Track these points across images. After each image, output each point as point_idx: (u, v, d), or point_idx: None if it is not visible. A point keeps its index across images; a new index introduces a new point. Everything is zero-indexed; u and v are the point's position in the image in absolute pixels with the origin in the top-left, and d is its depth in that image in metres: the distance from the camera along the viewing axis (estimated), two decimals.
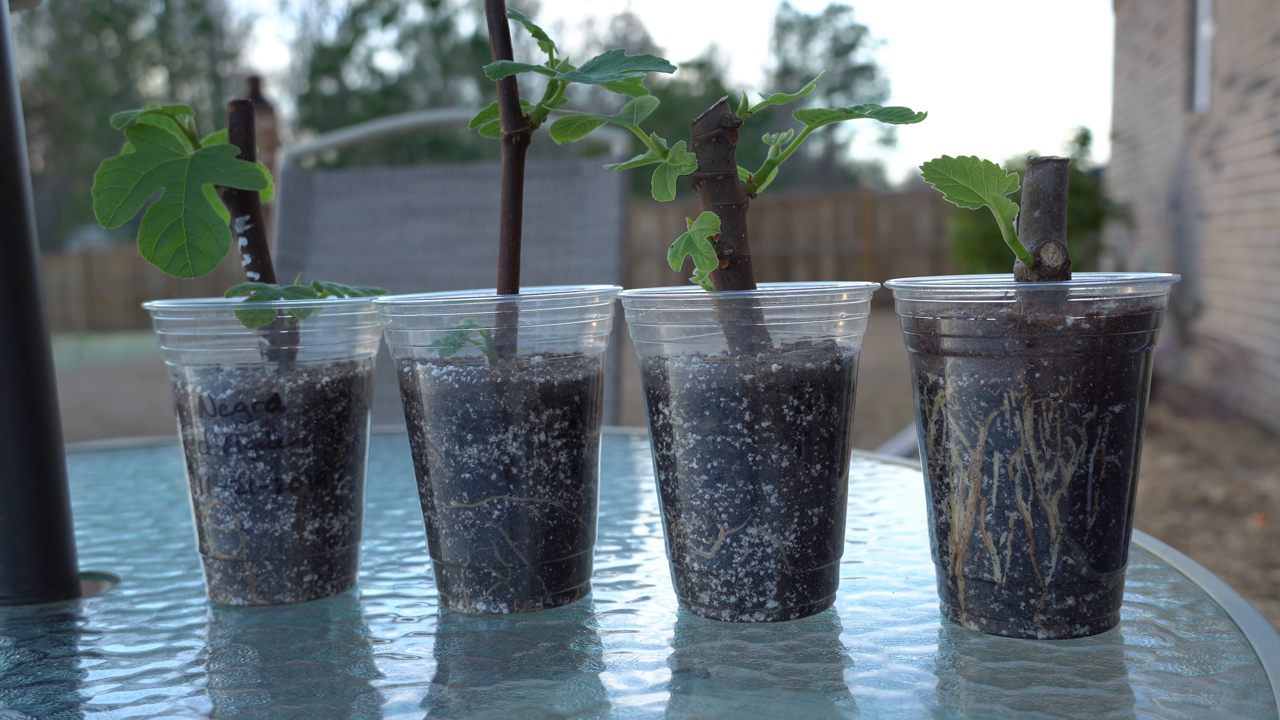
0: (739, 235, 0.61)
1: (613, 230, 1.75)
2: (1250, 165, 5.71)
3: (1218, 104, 6.40)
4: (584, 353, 0.65)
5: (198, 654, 0.60)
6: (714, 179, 0.60)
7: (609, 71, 0.61)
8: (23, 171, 0.71)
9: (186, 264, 0.65)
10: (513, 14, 0.63)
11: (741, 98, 0.61)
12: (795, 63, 29.82)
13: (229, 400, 0.66)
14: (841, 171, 30.94)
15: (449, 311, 0.62)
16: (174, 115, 0.68)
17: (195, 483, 0.68)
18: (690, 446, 0.60)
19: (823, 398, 0.60)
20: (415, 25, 24.44)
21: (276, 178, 1.93)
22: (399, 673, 0.56)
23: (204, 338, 0.68)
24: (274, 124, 5.23)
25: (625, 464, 1.08)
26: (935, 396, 0.59)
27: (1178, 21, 7.43)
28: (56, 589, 0.71)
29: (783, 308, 0.61)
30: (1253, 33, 5.72)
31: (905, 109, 0.61)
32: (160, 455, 1.22)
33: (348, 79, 24.08)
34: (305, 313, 0.68)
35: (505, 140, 0.63)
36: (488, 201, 1.87)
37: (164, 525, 0.89)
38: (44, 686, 0.55)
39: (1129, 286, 0.56)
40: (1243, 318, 5.88)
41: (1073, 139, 8.45)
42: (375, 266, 1.87)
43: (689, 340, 0.61)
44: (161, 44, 24.64)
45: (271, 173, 1.82)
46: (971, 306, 0.57)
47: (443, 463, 0.63)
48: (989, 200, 0.58)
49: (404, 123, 2.08)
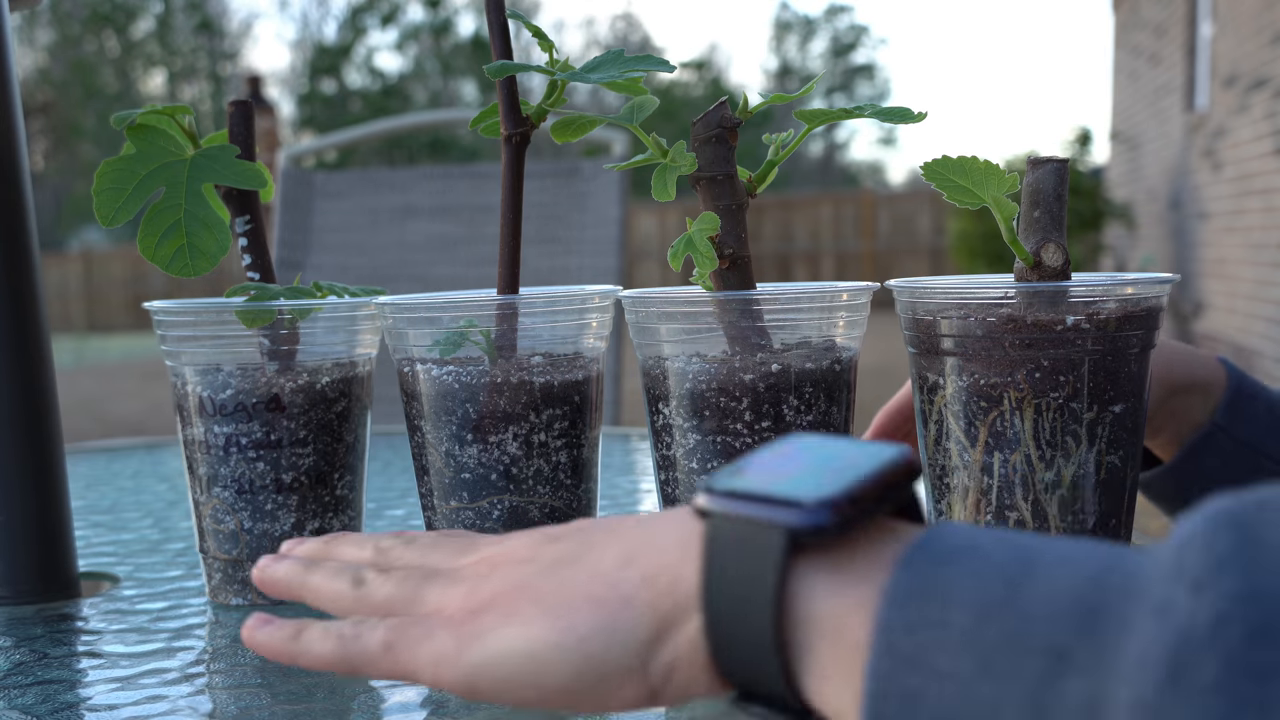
0: (739, 235, 0.61)
1: (613, 230, 1.75)
2: (1250, 165, 5.71)
3: (1218, 104, 6.40)
4: (584, 353, 0.65)
5: (198, 654, 0.60)
6: (714, 179, 0.60)
7: (609, 71, 0.61)
8: (23, 171, 0.71)
9: (186, 264, 0.65)
10: (513, 14, 0.63)
11: (741, 98, 0.61)
12: (795, 63, 29.84)
13: (229, 400, 0.66)
14: (841, 171, 30.95)
15: (449, 311, 0.62)
16: (174, 115, 0.68)
17: (195, 483, 0.68)
18: (690, 446, 0.60)
19: (823, 398, 0.60)
20: (415, 25, 24.44)
21: (276, 178, 1.93)
22: None
23: (204, 338, 0.68)
24: (274, 124, 5.23)
25: (625, 464, 1.08)
26: (935, 396, 0.59)
27: (1178, 21, 7.43)
28: (56, 589, 0.71)
29: (783, 308, 0.61)
30: (1253, 33, 5.72)
31: (905, 109, 0.61)
32: (160, 455, 1.22)
33: (348, 79, 24.09)
34: (305, 313, 0.68)
35: (505, 140, 0.63)
36: (488, 201, 1.87)
37: (164, 525, 0.89)
38: (44, 686, 0.55)
39: (1129, 286, 0.56)
40: (1243, 318, 5.88)
41: (1073, 139, 8.45)
42: (375, 266, 1.87)
43: (689, 340, 0.61)
44: (161, 44, 24.64)
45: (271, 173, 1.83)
46: (971, 306, 0.57)
47: (442, 463, 0.63)
48: (989, 200, 0.58)
49: (404, 123, 2.08)
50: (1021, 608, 0.30)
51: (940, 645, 0.30)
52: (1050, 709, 0.29)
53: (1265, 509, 0.30)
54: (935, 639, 0.31)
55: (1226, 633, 0.27)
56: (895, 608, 0.31)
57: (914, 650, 0.31)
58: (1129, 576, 0.30)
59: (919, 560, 0.32)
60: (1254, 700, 0.26)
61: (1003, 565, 0.32)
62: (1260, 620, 0.27)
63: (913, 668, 0.31)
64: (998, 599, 0.31)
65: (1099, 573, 0.31)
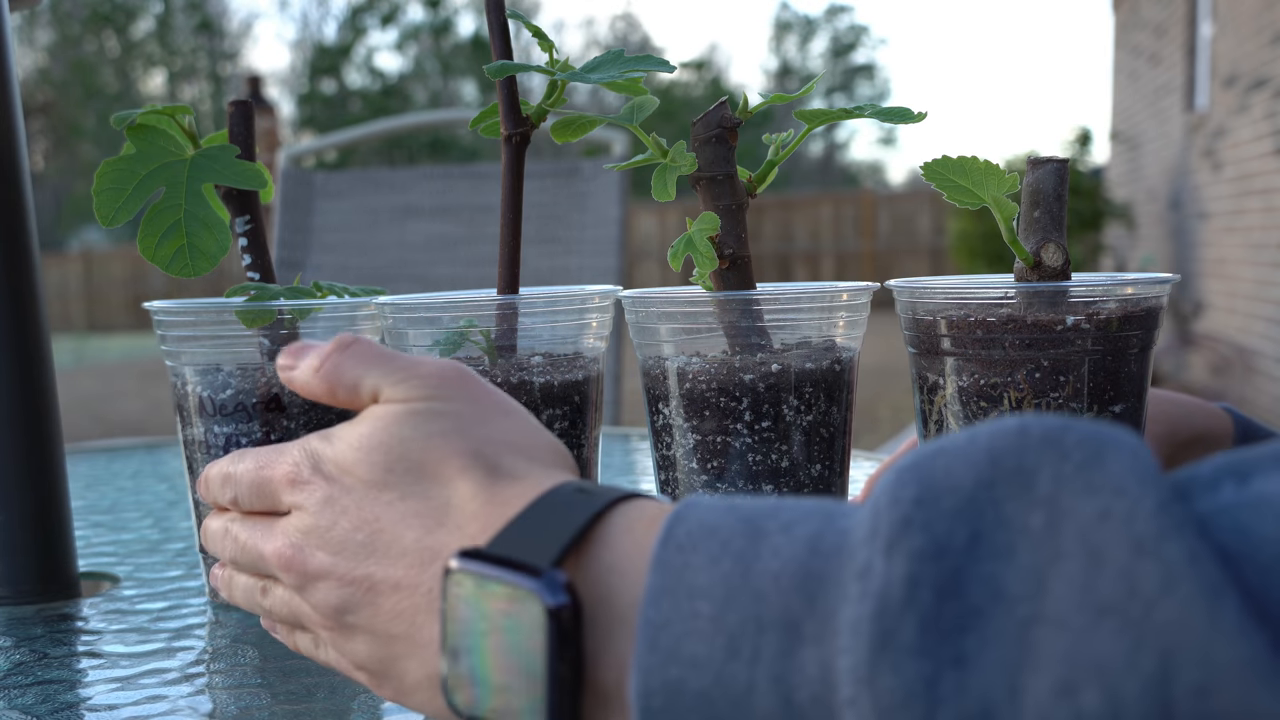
0: (739, 235, 0.61)
1: (613, 230, 1.75)
2: (1250, 165, 5.71)
3: (1218, 104, 6.40)
4: (584, 353, 0.65)
5: (198, 654, 0.60)
6: (714, 179, 0.60)
7: (609, 71, 0.61)
8: (23, 171, 0.71)
9: (186, 264, 0.65)
10: (513, 14, 0.63)
11: (741, 98, 0.61)
12: (795, 63, 29.84)
13: (229, 400, 0.66)
14: (841, 171, 30.95)
15: (449, 311, 0.62)
16: (174, 115, 0.68)
17: (195, 483, 0.68)
18: (690, 446, 0.60)
19: (823, 398, 0.60)
20: (415, 25, 24.44)
21: (276, 178, 1.93)
22: None
23: (204, 338, 0.68)
24: (274, 124, 5.23)
25: (625, 464, 1.08)
26: (935, 396, 0.59)
27: (1178, 21, 7.43)
28: (56, 589, 0.71)
29: (783, 308, 0.61)
30: (1253, 33, 5.72)
31: (905, 109, 0.61)
32: (160, 455, 1.22)
33: (348, 79, 24.08)
34: (305, 313, 0.68)
35: (505, 140, 0.63)
36: (488, 201, 1.87)
37: (164, 525, 0.89)
38: (44, 686, 0.56)
39: (1129, 286, 0.56)
40: (1243, 318, 5.88)
41: (1073, 139, 8.45)
42: (375, 266, 1.87)
43: (689, 340, 0.61)
44: (161, 44, 24.64)
45: (271, 173, 1.82)
46: (971, 306, 0.57)
47: None
48: (989, 200, 0.58)
49: (404, 123, 2.08)
50: (755, 585, 0.32)
51: (692, 635, 0.32)
52: (791, 682, 0.31)
53: (941, 455, 0.31)
54: (687, 630, 0.32)
55: (917, 594, 0.29)
56: (652, 607, 0.33)
57: (671, 643, 0.32)
58: (841, 535, 0.32)
59: (665, 555, 0.34)
60: (951, 657, 0.28)
61: (735, 543, 0.33)
62: (944, 576, 0.29)
63: (671, 659, 0.32)
64: (735, 580, 0.32)
65: (815, 536, 0.33)
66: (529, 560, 0.36)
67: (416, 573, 0.39)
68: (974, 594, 0.29)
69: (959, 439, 0.32)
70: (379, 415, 0.43)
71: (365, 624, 0.41)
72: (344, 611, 0.41)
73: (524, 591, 0.35)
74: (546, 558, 0.36)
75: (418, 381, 0.43)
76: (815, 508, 0.34)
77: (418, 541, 0.40)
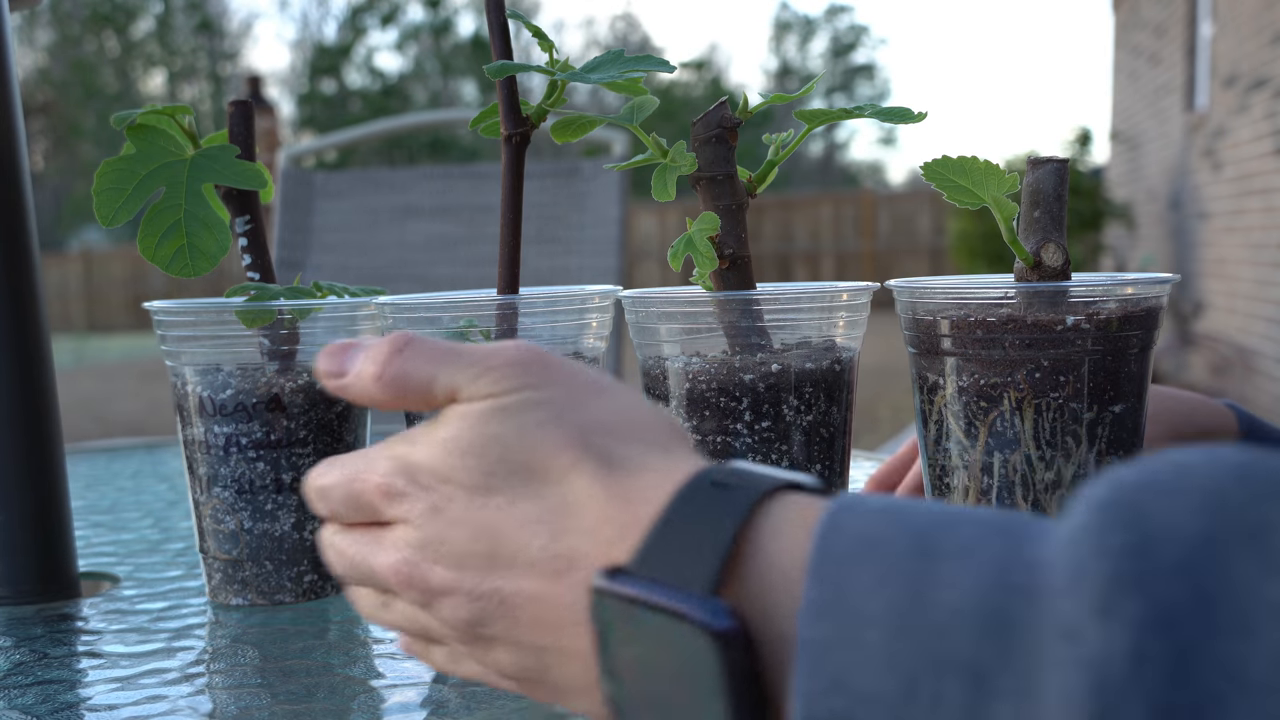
0: (739, 235, 0.61)
1: (613, 230, 1.75)
2: (1250, 165, 5.71)
3: (1218, 104, 6.40)
4: (584, 353, 0.65)
5: (198, 654, 0.60)
6: (714, 179, 0.60)
7: (609, 71, 0.61)
8: (23, 171, 0.71)
9: (186, 264, 0.65)
10: (513, 14, 0.63)
11: (741, 98, 0.61)
12: (795, 63, 29.84)
13: (229, 400, 0.66)
14: (841, 171, 30.95)
15: (449, 311, 0.62)
16: (174, 115, 0.68)
17: (195, 483, 0.68)
18: None
19: (823, 398, 0.60)
20: (415, 25, 24.44)
21: (276, 178, 1.93)
22: (399, 673, 0.56)
23: (204, 338, 0.68)
24: (274, 124, 5.23)
25: None
26: (935, 396, 0.59)
27: (1178, 21, 7.43)
28: (56, 589, 0.71)
29: (783, 308, 0.61)
30: (1253, 33, 5.72)
31: (905, 109, 0.61)
32: (160, 455, 1.22)
33: (348, 79, 24.09)
34: (305, 313, 0.68)
35: (505, 140, 0.63)
36: (488, 201, 1.87)
37: (164, 525, 0.89)
38: (44, 686, 0.55)
39: (1129, 286, 0.56)
40: (1243, 318, 5.88)
41: (1073, 139, 8.45)
42: (375, 266, 1.87)
43: (689, 340, 0.61)
44: (161, 44, 24.65)
45: (271, 173, 1.82)
46: (971, 306, 0.57)
47: None
48: (989, 200, 0.58)
49: (404, 123, 2.08)
50: (932, 619, 0.29)
51: (860, 666, 0.29)
52: None
53: (1149, 491, 0.28)
54: (854, 660, 0.29)
55: (1145, 673, 0.26)
56: (811, 626, 0.30)
57: (836, 671, 0.30)
58: (1030, 571, 0.29)
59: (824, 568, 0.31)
60: None
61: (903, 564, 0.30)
62: (1175, 655, 0.26)
63: (837, 689, 0.29)
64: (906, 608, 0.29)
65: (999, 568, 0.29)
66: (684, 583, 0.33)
67: (551, 583, 0.37)
68: (1210, 679, 0.25)
69: (1163, 469, 0.28)
70: (464, 414, 0.39)
71: (504, 635, 0.38)
72: (478, 625, 0.39)
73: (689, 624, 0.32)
74: (703, 581, 0.33)
75: (497, 374, 0.39)
76: (991, 524, 0.31)
77: (544, 549, 0.37)
